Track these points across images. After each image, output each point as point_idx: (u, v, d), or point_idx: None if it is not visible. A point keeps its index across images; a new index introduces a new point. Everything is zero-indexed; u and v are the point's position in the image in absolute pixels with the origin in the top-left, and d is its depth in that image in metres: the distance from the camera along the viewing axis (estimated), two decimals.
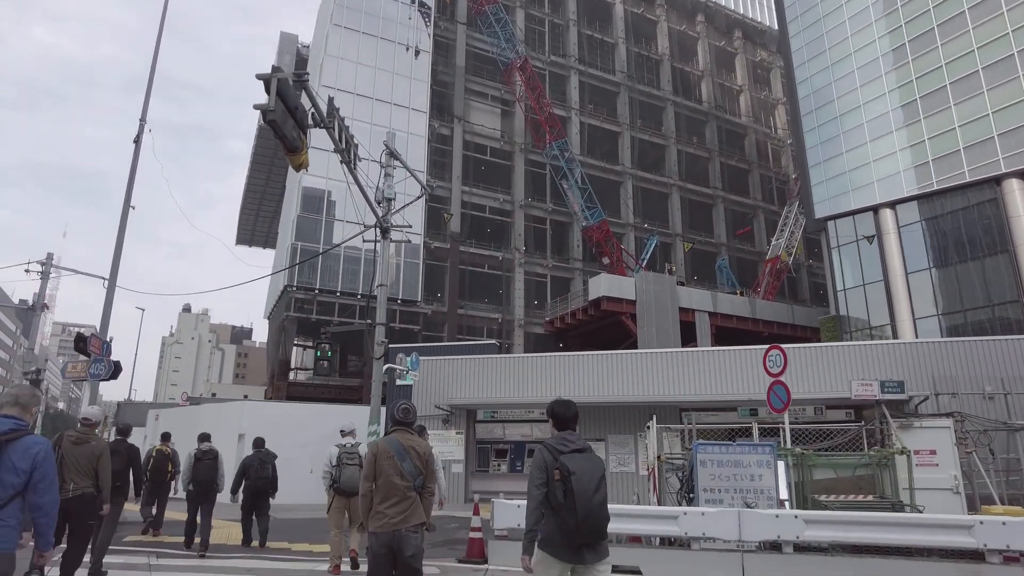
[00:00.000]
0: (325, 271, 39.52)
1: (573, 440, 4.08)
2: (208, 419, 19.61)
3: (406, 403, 5.05)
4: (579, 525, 3.67)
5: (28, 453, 3.37)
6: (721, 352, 15.82)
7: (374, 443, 4.91)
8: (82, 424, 6.63)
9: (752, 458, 8.69)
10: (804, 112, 36.02)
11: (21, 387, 3.88)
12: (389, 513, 4.47)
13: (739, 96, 54.32)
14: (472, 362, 16.92)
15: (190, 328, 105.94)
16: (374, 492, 4.57)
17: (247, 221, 64.16)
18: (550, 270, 44.37)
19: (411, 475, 4.60)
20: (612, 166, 47.01)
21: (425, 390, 17.01)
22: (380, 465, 4.58)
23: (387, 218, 12.85)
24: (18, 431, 3.40)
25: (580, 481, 3.76)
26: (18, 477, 3.32)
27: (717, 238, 49.67)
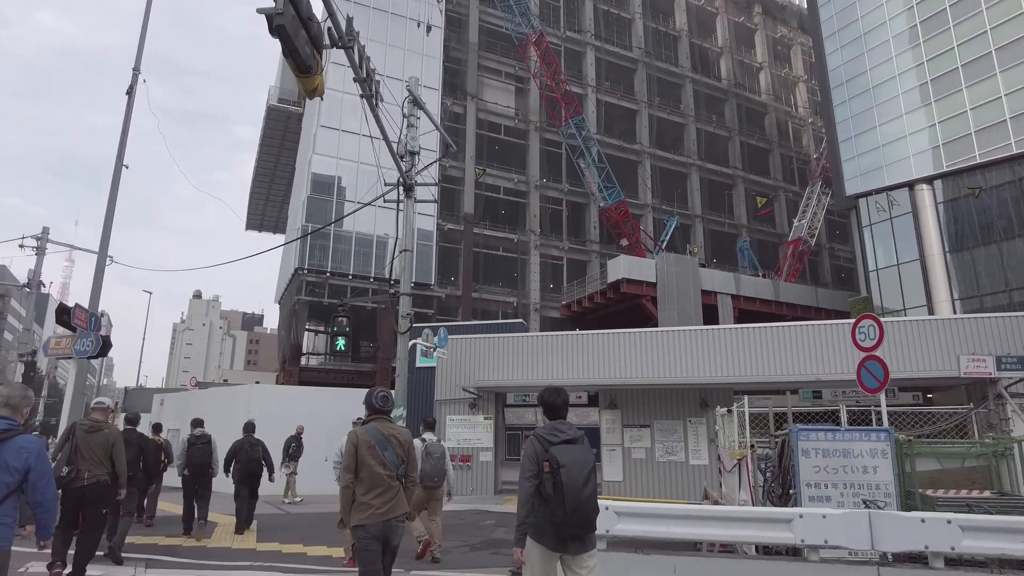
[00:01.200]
0: (336, 254, 38.13)
1: (564, 430, 3.93)
2: (215, 404, 18.21)
3: (384, 391, 4.77)
4: (567, 518, 3.60)
5: (21, 453, 3.39)
6: (778, 329, 14.23)
7: (353, 433, 4.57)
8: (94, 410, 6.60)
9: (863, 446, 7.15)
10: (834, 85, 34.12)
11: (12, 387, 3.77)
12: (375, 504, 4.28)
13: (759, 74, 52.29)
14: (501, 341, 15.39)
15: (201, 315, 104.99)
16: (357, 484, 4.37)
17: (256, 206, 62.73)
18: (566, 252, 42.77)
19: (393, 464, 4.42)
20: (630, 145, 45.24)
21: (449, 372, 15.51)
22: (362, 455, 4.38)
23: (411, 174, 11.28)
24: (10, 431, 3.42)
25: (569, 474, 3.65)
26: (12, 476, 3.34)
27: (737, 219, 47.88)
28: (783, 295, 40.30)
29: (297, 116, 49.12)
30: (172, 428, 19.40)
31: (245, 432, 10.41)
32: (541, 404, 4.20)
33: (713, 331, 14.34)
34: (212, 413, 18.32)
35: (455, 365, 15.41)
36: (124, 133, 12.19)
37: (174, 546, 8.98)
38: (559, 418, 4.09)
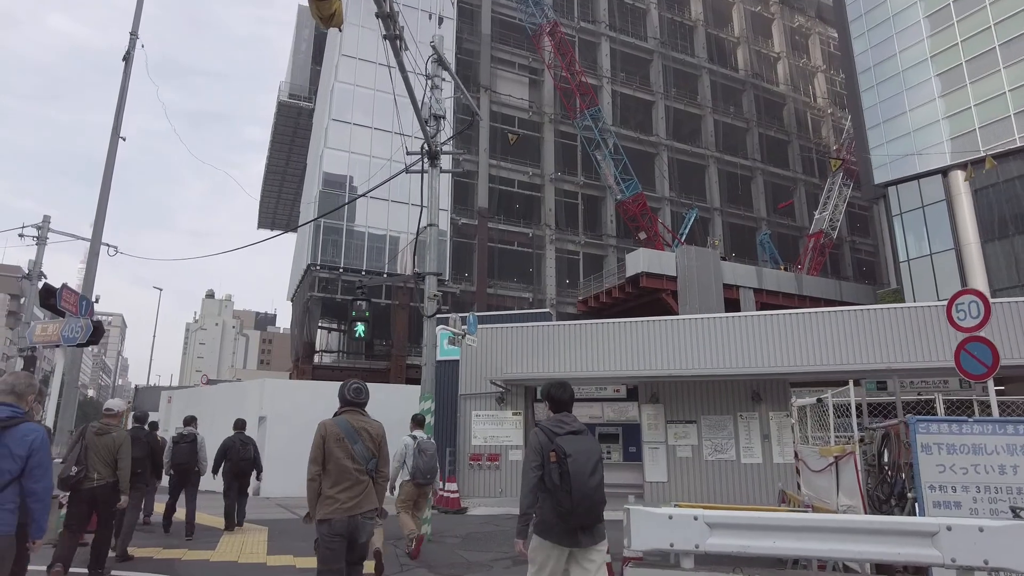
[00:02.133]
0: (349, 249, 37.02)
1: (569, 422, 3.89)
2: (226, 400, 17.05)
3: (357, 382, 4.64)
4: (574, 507, 3.53)
5: (25, 440, 3.38)
6: (839, 314, 12.87)
7: (322, 424, 4.34)
8: (104, 415, 6.56)
9: (998, 441, 5.81)
10: (860, 70, 32.62)
11: (17, 375, 3.70)
12: (341, 498, 4.10)
13: (777, 64, 50.77)
14: (531, 331, 14.10)
15: (214, 314, 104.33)
16: (323, 477, 4.18)
17: (268, 204, 61.80)
18: (582, 247, 41.48)
19: (363, 458, 4.24)
20: (646, 137, 43.88)
21: (475, 364, 14.23)
22: (329, 448, 4.20)
23: (435, 140, 10.08)
24: (14, 418, 3.41)
25: (576, 463, 3.59)
26: (15, 463, 3.34)
27: (756, 212, 46.43)
28: (806, 289, 38.79)
29: (308, 112, 48.05)
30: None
31: (236, 430, 10.09)
32: (547, 398, 4.10)
33: (766, 318, 12.99)
34: (222, 410, 17.16)
35: (481, 357, 14.15)
36: (121, 102, 11.02)
37: (172, 560, 7.75)
38: (564, 412, 4.00)
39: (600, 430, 14.06)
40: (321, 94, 44.24)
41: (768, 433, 12.49)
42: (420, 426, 8.62)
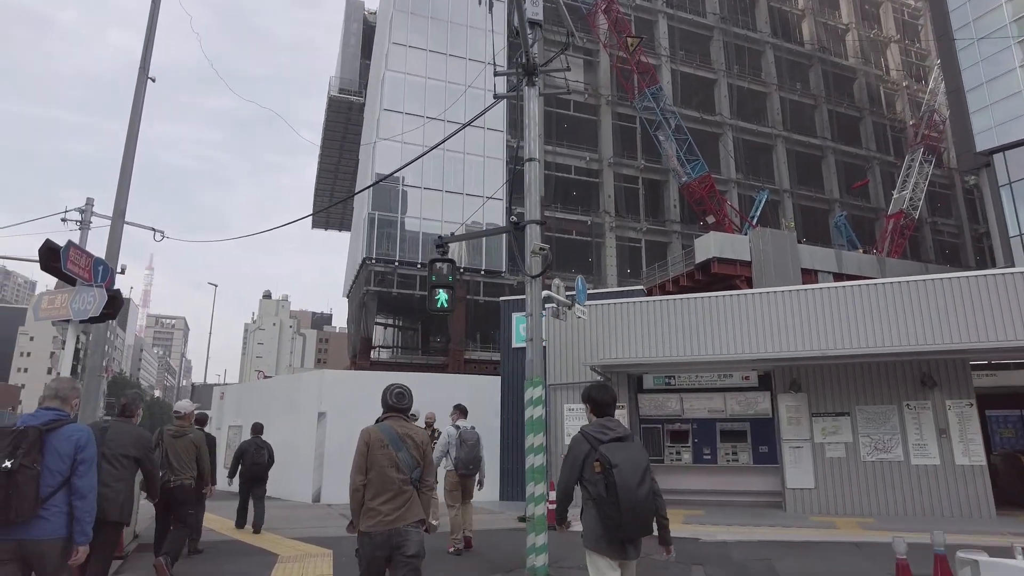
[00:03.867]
0: (404, 242, 35.14)
1: (613, 427, 3.57)
2: (281, 394, 15.06)
3: (400, 387, 4.14)
4: (622, 520, 3.27)
5: (70, 440, 3.37)
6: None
7: (365, 430, 3.95)
8: (176, 418, 6.65)
9: None
10: (957, 25, 28.88)
11: (61, 380, 3.73)
12: (383, 510, 3.75)
13: (845, 36, 46.79)
14: (635, 308, 11.52)
15: (271, 314, 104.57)
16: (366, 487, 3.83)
17: (321, 204, 60.74)
18: (644, 234, 38.65)
19: (407, 467, 3.86)
20: (709, 117, 40.73)
21: (564, 348, 11.78)
22: (373, 455, 3.85)
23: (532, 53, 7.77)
24: (59, 421, 3.42)
25: (623, 473, 3.31)
26: (63, 463, 3.31)
27: (828, 193, 42.73)
28: (890, 272, 35.06)
29: (359, 107, 46.53)
30: (233, 424, 16.34)
31: (253, 433, 9.64)
32: (588, 401, 3.78)
33: (936, 283, 10.11)
34: (277, 404, 15.17)
35: (573, 340, 11.70)
36: (150, 35, 8.94)
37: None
38: (607, 415, 3.70)
39: (722, 426, 11.43)
40: (371, 86, 42.61)
41: (946, 427, 9.69)
42: (464, 415, 8.26)
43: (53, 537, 3.24)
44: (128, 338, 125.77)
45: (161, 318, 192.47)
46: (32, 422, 3.36)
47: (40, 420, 3.39)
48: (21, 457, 3.17)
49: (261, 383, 18.78)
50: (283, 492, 13.88)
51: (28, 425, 3.31)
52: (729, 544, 7.84)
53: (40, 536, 3.20)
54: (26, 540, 3.17)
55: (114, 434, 4.91)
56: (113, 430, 4.94)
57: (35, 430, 3.28)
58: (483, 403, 13.94)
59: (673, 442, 11.54)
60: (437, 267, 7.64)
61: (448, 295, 7.59)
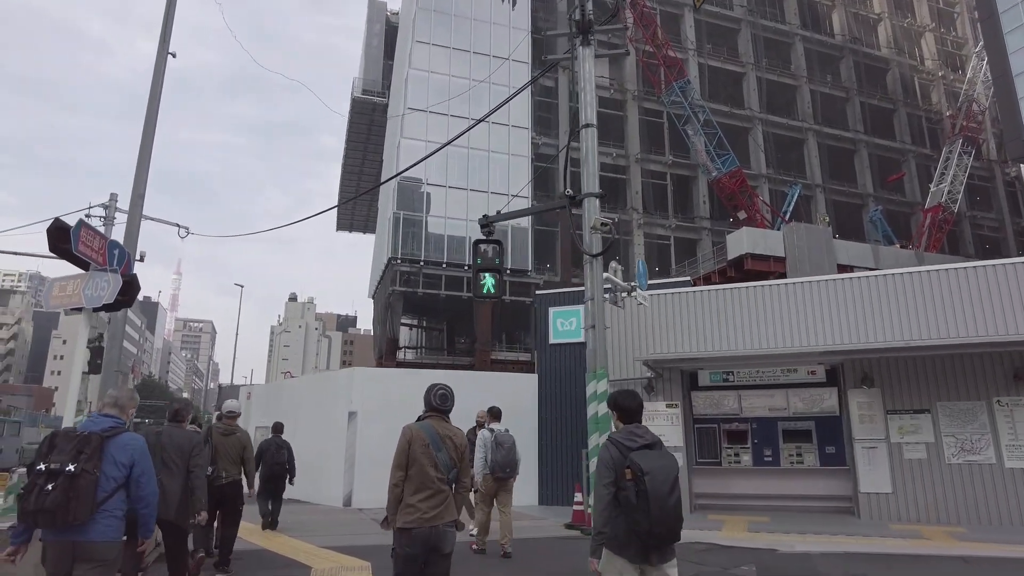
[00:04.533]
0: (429, 242, 34.53)
1: (641, 434, 3.50)
2: (310, 393, 14.39)
3: (443, 388, 4.16)
4: (652, 528, 3.23)
5: (126, 449, 3.44)
6: None
7: (407, 428, 3.99)
8: (225, 417, 6.78)
9: None
10: (1003, 8, 27.50)
11: (121, 389, 3.92)
12: (422, 507, 3.77)
13: (877, 26, 45.27)
14: (686, 299, 10.59)
15: (297, 317, 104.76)
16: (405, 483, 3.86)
17: (346, 206, 60.41)
18: (673, 231, 37.59)
19: (445, 467, 3.90)
20: (738, 111, 39.57)
21: (610, 342, 10.90)
22: (414, 453, 3.88)
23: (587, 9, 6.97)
24: (116, 428, 3.50)
25: (654, 481, 3.25)
26: (119, 471, 3.39)
27: (862, 188, 41.29)
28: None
29: (382, 107, 46.07)
30: (260, 425, 15.73)
31: (274, 432, 9.84)
32: (614, 408, 3.72)
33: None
34: (306, 404, 14.50)
35: (619, 334, 10.83)
36: (169, 11, 8.30)
37: None
38: (634, 422, 3.62)
39: (784, 426, 10.45)
40: (395, 85, 42.13)
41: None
42: (497, 419, 8.00)
43: (106, 540, 3.32)
44: (157, 342, 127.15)
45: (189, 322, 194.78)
46: (93, 428, 3.44)
47: (100, 427, 3.47)
48: (84, 462, 3.24)
49: (289, 382, 18.17)
50: (313, 496, 13.20)
51: (90, 431, 3.39)
52: (812, 556, 6.94)
53: (94, 538, 3.27)
54: (81, 541, 3.24)
55: (168, 439, 5.10)
56: (167, 435, 5.13)
57: (97, 436, 3.36)
58: (520, 402, 13.14)
59: (731, 443, 10.60)
60: (482, 249, 6.87)
61: (495, 279, 6.78)
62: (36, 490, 3.17)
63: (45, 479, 3.18)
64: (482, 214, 31.49)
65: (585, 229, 6.26)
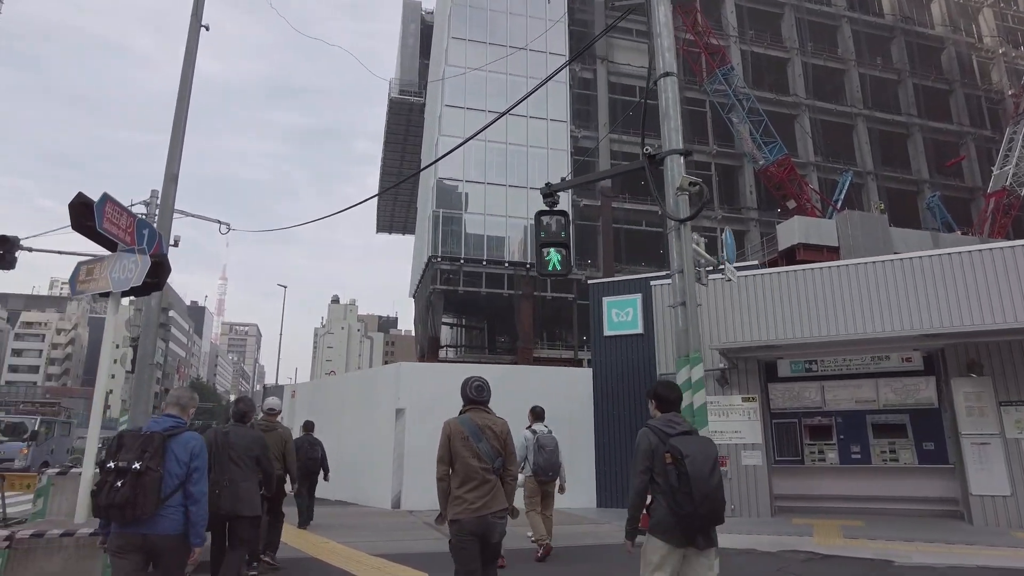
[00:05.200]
0: (469, 240, 33.91)
1: (679, 422, 3.58)
2: (355, 391, 13.79)
3: (479, 380, 4.20)
4: (696, 510, 3.22)
5: (187, 446, 3.57)
6: None
7: (447, 423, 4.05)
8: (266, 414, 6.93)
9: None
10: None
11: (182, 390, 4.02)
12: (469, 498, 3.82)
13: (930, 4, 42.94)
14: (762, 282, 9.61)
15: (339, 319, 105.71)
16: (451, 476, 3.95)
17: (385, 208, 60.48)
18: (719, 222, 36.08)
19: (488, 457, 3.92)
20: (783, 97, 37.90)
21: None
22: (454, 447, 3.93)
23: None
24: (178, 428, 3.63)
25: (695, 464, 3.27)
26: (181, 468, 3.50)
27: (916, 173, 39.14)
28: None
29: (419, 107, 45.72)
30: None
31: (305, 431, 10.00)
32: (653, 398, 3.72)
33: None
34: (351, 402, 13.88)
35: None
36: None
37: None
38: (672, 411, 3.64)
39: (874, 419, 9.29)
40: (432, 84, 41.68)
41: None
42: (540, 419, 7.69)
43: (172, 533, 3.45)
44: (204, 345, 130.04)
45: (235, 325, 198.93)
46: (156, 428, 3.57)
47: (162, 426, 3.59)
48: (148, 460, 3.38)
49: (333, 380, 17.68)
50: (359, 497, 12.58)
51: (153, 431, 3.53)
52: (938, 570, 5.91)
53: (162, 532, 3.41)
54: (150, 535, 3.38)
55: (236, 438, 5.27)
56: (234, 434, 5.30)
57: (160, 436, 3.50)
58: (575, 398, 12.29)
59: (813, 439, 9.54)
60: (545, 222, 6.04)
61: (562, 255, 5.96)
62: (107, 487, 3.32)
63: (115, 476, 3.33)
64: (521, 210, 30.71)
65: (668, 192, 5.39)
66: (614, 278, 13.05)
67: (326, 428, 14.33)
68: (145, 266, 5.09)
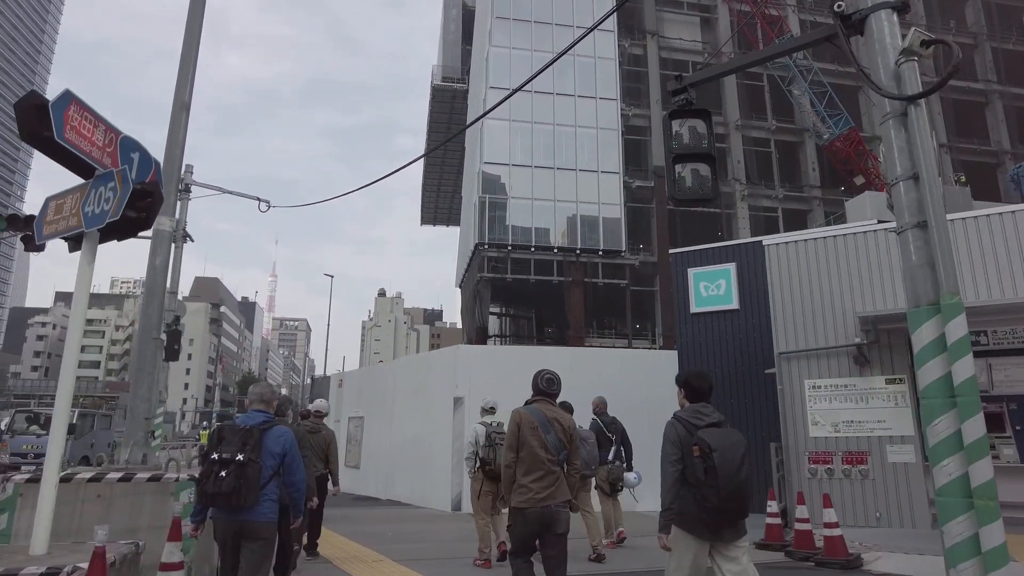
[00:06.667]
0: (516, 226, 32.32)
1: (708, 413, 3.48)
2: (408, 377, 12.32)
3: (550, 373, 4.17)
4: (722, 503, 3.18)
5: (280, 440, 3.71)
6: None
7: (516, 412, 4.06)
8: (314, 416, 7.03)
9: None
10: None
11: (264, 385, 4.12)
12: (534, 488, 3.81)
13: None
14: None
15: (386, 312, 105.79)
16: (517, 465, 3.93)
17: (429, 199, 59.45)
18: (780, 202, 33.71)
19: (555, 448, 3.93)
20: (846, 68, 34.99)
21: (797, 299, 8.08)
22: (524, 435, 3.93)
23: None
24: (269, 422, 3.77)
25: (723, 457, 3.21)
26: (274, 459, 3.66)
27: (996, 144, 35.82)
28: None
29: (463, 94, 44.28)
30: (354, 416, 13.83)
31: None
32: (683, 386, 3.64)
33: None
34: (404, 390, 12.39)
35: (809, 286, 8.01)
36: None
37: None
38: (701, 401, 3.55)
39: None
40: (475, 68, 40.19)
41: None
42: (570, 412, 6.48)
43: (266, 520, 3.61)
44: (255, 340, 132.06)
45: (285, 320, 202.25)
46: (251, 423, 3.72)
47: (256, 421, 3.75)
48: (249, 452, 3.54)
49: (383, 366, 16.34)
50: (415, 498, 11.11)
51: (251, 425, 3.68)
52: None
53: (258, 518, 3.56)
54: (248, 521, 3.55)
55: None
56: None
57: (258, 430, 3.66)
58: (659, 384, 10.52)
59: None
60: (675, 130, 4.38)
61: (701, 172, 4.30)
62: (212, 476, 3.48)
63: (219, 467, 3.49)
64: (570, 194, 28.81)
65: (880, 60, 3.63)
66: (702, 246, 11.19)
67: (376, 420, 12.96)
68: (125, 192, 3.57)
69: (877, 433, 7.39)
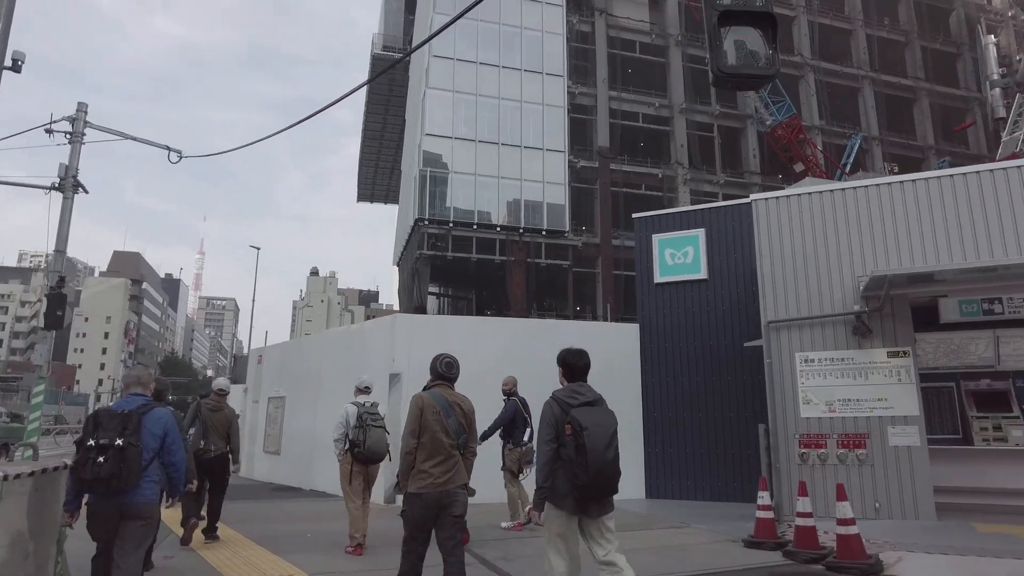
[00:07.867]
0: (458, 202, 30.72)
1: (583, 392, 3.56)
2: (338, 352, 10.70)
3: (449, 357, 4.14)
4: (591, 481, 3.29)
5: (160, 422, 3.76)
6: None
7: (418, 396, 4.01)
8: (216, 394, 6.94)
9: None
10: None
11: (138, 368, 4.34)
12: (434, 472, 3.78)
13: None
14: (925, 188, 6.69)
15: (319, 291, 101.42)
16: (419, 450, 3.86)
17: (367, 175, 56.83)
18: (722, 187, 33.48)
19: (455, 433, 3.92)
20: (788, 57, 35.09)
21: (788, 264, 7.03)
22: (426, 420, 3.87)
23: None
24: (148, 405, 3.79)
25: (592, 437, 3.31)
26: (155, 441, 3.70)
27: (922, 140, 36.91)
28: None
29: (404, 65, 41.98)
30: (274, 396, 12.09)
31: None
32: (562, 365, 3.71)
33: None
34: (332, 367, 10.73)
35: (802, 249, 6.99)
36: None
37: None
38: (578, 380, 3.66)
39: None
40: (418, 36, 38.08)
41: None
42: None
43: (147, 500, 3.63)
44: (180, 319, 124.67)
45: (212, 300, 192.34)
46: (129, 407, 3.73)
47: (134, 405, 3.75)
48: (128, 436, 3.55)
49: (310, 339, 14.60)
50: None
51: (129, 410, 3.68)
52: None
53: (139, 499, 3.57)
54: (128, 502, 3.54)
55: None
56: None
57: (136, 414, 3.66)
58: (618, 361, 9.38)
59: (983, 411, 6.81)
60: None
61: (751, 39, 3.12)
62: (89, 462, 3.44)
63: (96, 452, 3.46)
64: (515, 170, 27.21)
65: None
66: (668, 210, 10.09)
67: (300, 400, 11.31)
68: None
69: (877, 413, 6.46)
